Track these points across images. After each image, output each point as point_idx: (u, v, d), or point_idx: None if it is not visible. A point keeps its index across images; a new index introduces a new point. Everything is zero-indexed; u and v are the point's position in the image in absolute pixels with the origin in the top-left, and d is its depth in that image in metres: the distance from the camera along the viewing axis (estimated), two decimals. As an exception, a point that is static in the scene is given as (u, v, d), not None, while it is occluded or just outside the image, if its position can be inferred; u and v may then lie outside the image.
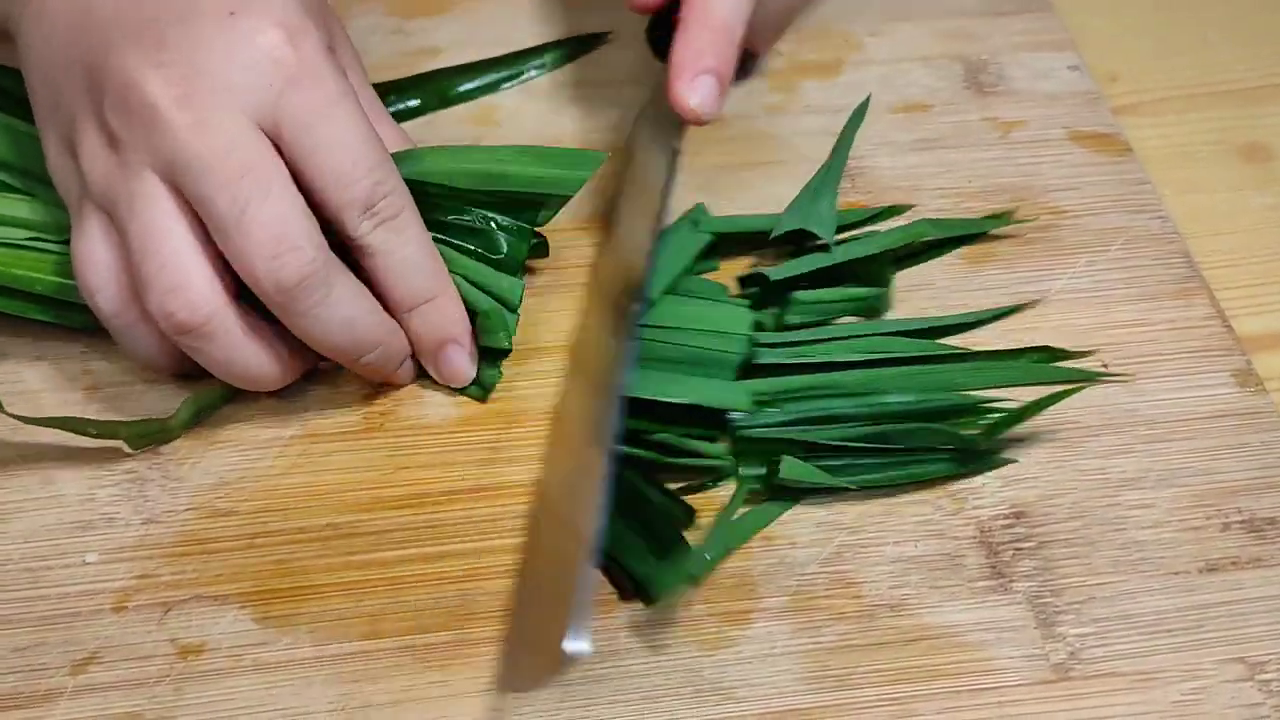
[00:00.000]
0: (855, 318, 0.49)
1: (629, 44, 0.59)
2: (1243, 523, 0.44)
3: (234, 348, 0.43)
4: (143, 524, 0.44)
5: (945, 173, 0.54)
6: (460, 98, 0.57)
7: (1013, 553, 0.43)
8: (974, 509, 0.44)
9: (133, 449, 0.45)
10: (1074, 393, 0.45)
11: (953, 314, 0.49)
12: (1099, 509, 0.44)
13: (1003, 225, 0.52)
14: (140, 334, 0.44)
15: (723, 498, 0.44)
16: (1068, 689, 0.40)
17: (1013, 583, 0.43)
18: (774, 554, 0.43)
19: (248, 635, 0.41)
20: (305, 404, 0.47)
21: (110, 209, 0.42)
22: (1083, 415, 0.46)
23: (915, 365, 0.46)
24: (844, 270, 0.49)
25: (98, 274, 0.43)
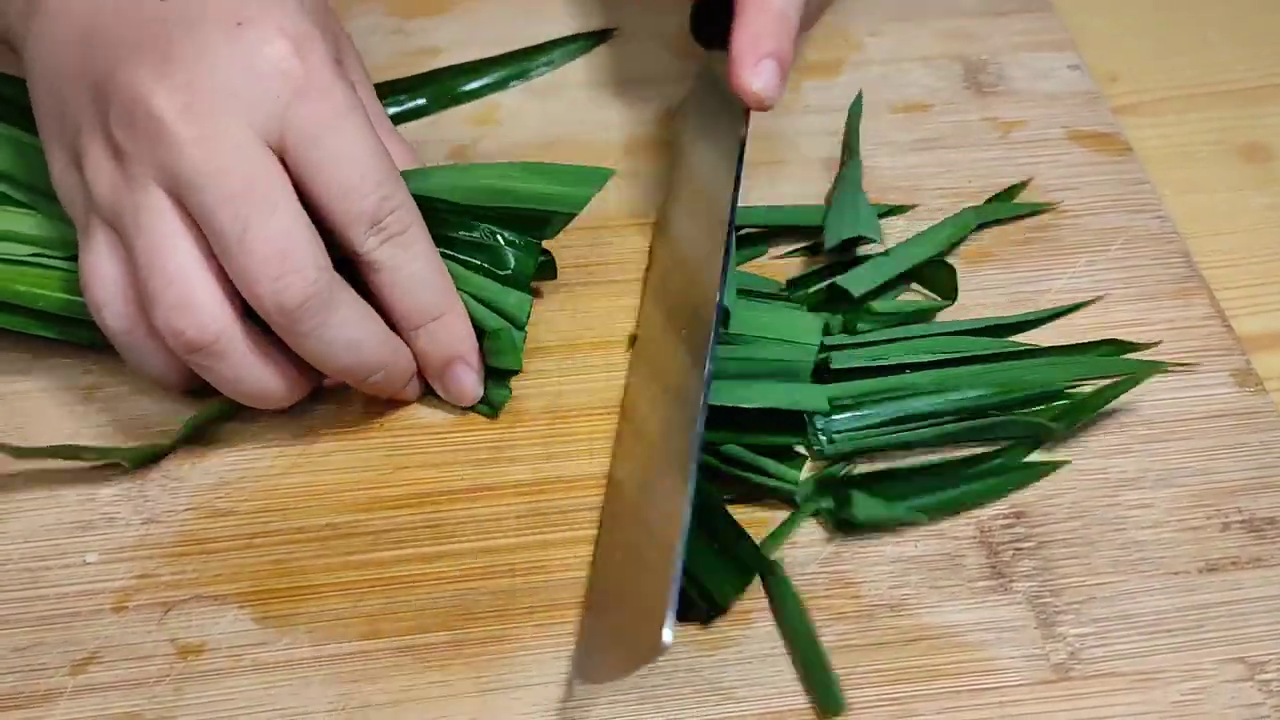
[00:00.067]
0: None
1: (630, 41, 0.59)
2: (1242, 522, 0.44)
3: (242, 366, 0.42)
4: (142, 524, 0.44)
5: (945, 172, 0.54)
6: (466, 96, 0.57)
7: (1012, 553, 0.43)
8: (974, 509, 0.44)
9: (133, 468, 0.45)
10: (1138, 383, 0.46)
11: (1014, 314, 0.49)
12: (1099, 509, 0.44)
13: (1044, 211, 0.52)
14: (148, 350, 0.44)
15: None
16: (1068, 689, 0.40)
17: (1013, 583, 0.43)
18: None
19: (247, 635, 0.41)
20: (304, 404, 0.46)
21: (116, 223, 0.42)
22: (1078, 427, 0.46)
23: (987, 363, 0.47)
24: (906, 271, 0.50)
25: (105, 289, 0.42)
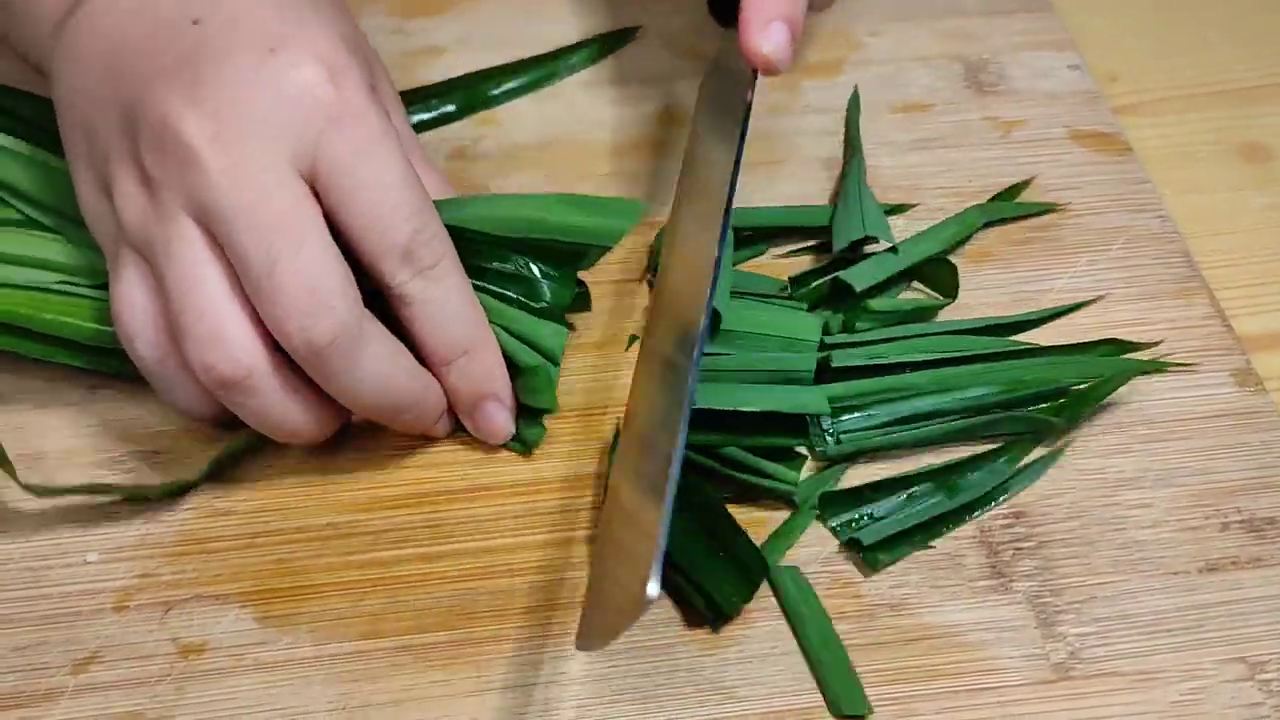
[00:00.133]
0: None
1: (630, 41, 0.59)
2: (1242, 522, 0.44)
3: (272, 402, 0.41)
4: (143, 523, 0.44)
5: (945, 172, 0.54)
6: (493, 101, 0.57)
7: (1012, 552, 0.43)
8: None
9: (157, 500, 0.45)
10: (1139, 374, 0.47)
11: (1015, 313, 0.49)
12: (1098, 509, 0.44)
13: (1049, 212, 0.52)
14: (180, 382, 0.43)
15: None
16: (1068, 689, 0.40)
17: (1013, 582, 0.43)
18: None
19: (248, 635, 0.41)
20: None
21: (147, 253, 0.41)
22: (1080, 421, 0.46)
23: (988, 362, 0.47)
24: (908, 269, 0.50)
25: (136, 320, 0.41)
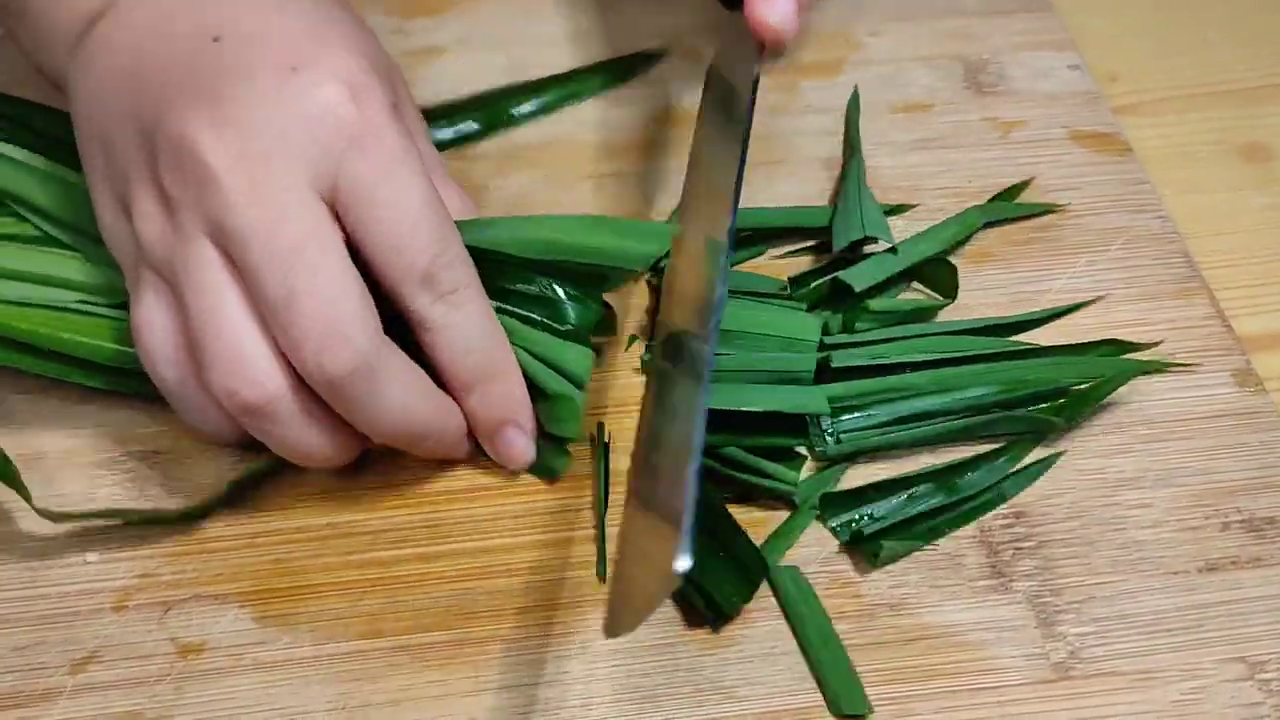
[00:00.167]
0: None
1: (630, 40, 0.59)
2: (1242, 522, 0.44)
3: (294, 428, 0.41)
4: (144, 523, 0.44)
5: (945, 172, 0.54)
6: (516, 120, 0.56)
7: (1012, 552, 0.43)
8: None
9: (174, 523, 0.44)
10: (1140, 374, 0.47)
11: (1015, 314, 0.49)
12: (1098, 508, 0.44)
13: (1050, 212, 0.52)
14: (202, 404, 0.42)
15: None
16: (1068, 688, 0.40)
17: (1012, 582, 0.43)
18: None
19: (247, 634, 0.41)
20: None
21: (167, 274, 0.40)
22: (1080, 421, 0.46)
23: (989, 362, 0.47)
24: (908, 269, 0.50)
25: (157, 342, 0.41)
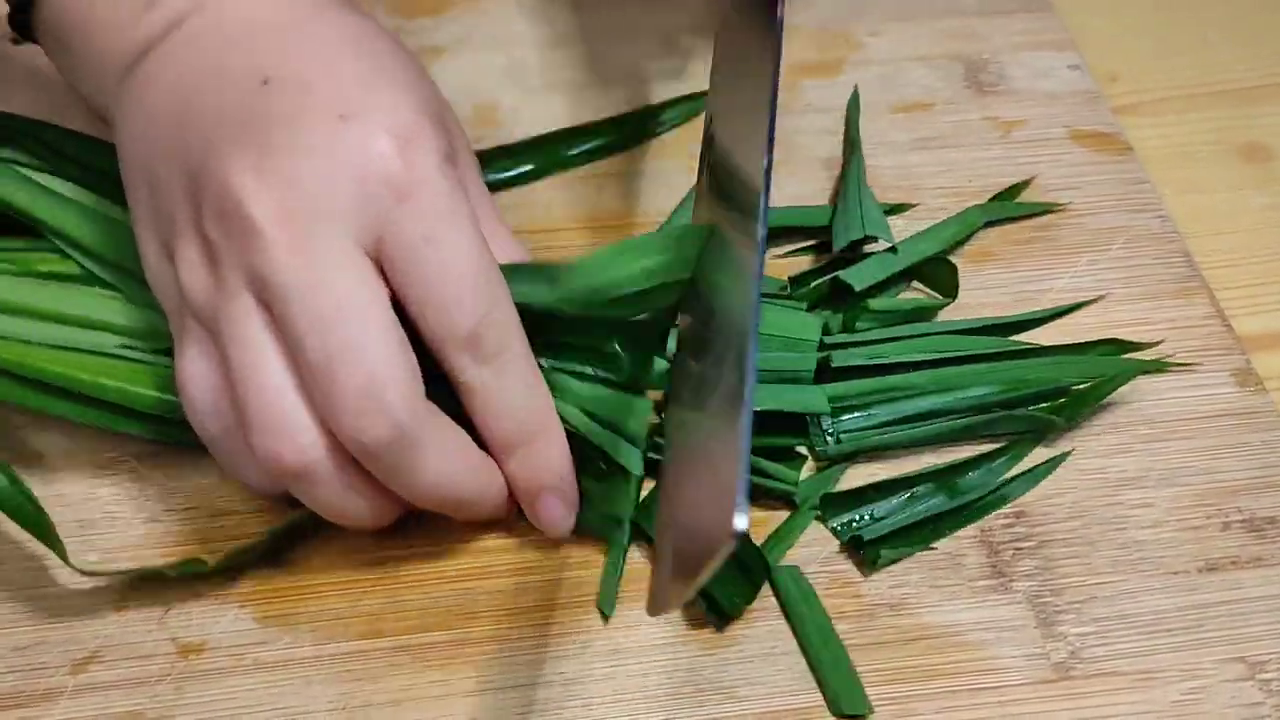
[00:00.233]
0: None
1: (630, 39, 0.59)
2: (1243, 522, 0.44)
3: (333, 491, 0.40)
4: (144, 523, 0.44)
5: (945, 172, 0.54)
6: (571, 162, 0.54)
7: (1013, 552, 0.43)
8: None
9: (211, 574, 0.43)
10: (1141, 373, 0.47)
11: (1013, 313, 0.49)
12: (1099, 508, 0.44)
13: (1050, 212, 0.52)
14: (246, 460, 0.41)
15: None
16: (1068, 688, 0.40)
17: (1013, 582, 0.43)
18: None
19: (248, 634, 0.41)
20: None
21: (210, 326, 0.39)
22: (1081, 420, 0.46)
23: (990, 362, 0.47)
24: (908, 268, 0.50)
25: (201, 395, 0.40)
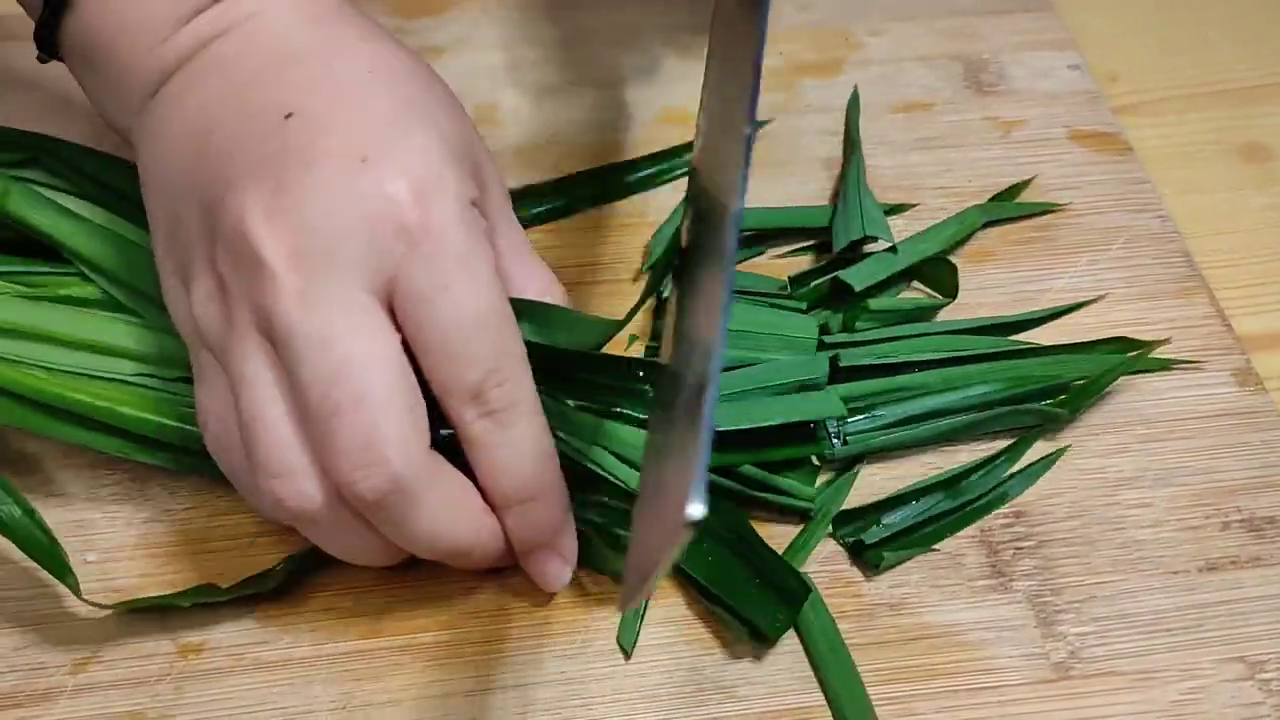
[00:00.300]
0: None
1: (630, 39, 0.59)
2: (1242, 522, 0.44)
3: (338, 533, 0.40)
4: (143, 523, 0.44)
5: (945, 172, 0.54)
6: (605, 197, 0.53)
7: (1012, 552, 0.43)
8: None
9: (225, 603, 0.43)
10: (1135, 377, 0.47)
11: (1013, 313, 0.49)
12: (1098, 508, 0.44)
13: (1050, 212, 0.52)
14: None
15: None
16: (1068, 688, 0.40)
17: (1012, 581, 0.43)
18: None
19: (248, 634, 0.41)
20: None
21: (222, 361, 0.39)
22: (1082, 414, 0.46)
23: (993, 361, 0.47)
24: (908, 268, 0.50)
25: (218, 428, 0.40)
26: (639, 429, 0.43)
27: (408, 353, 0.38)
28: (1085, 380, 0.46)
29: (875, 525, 0.43)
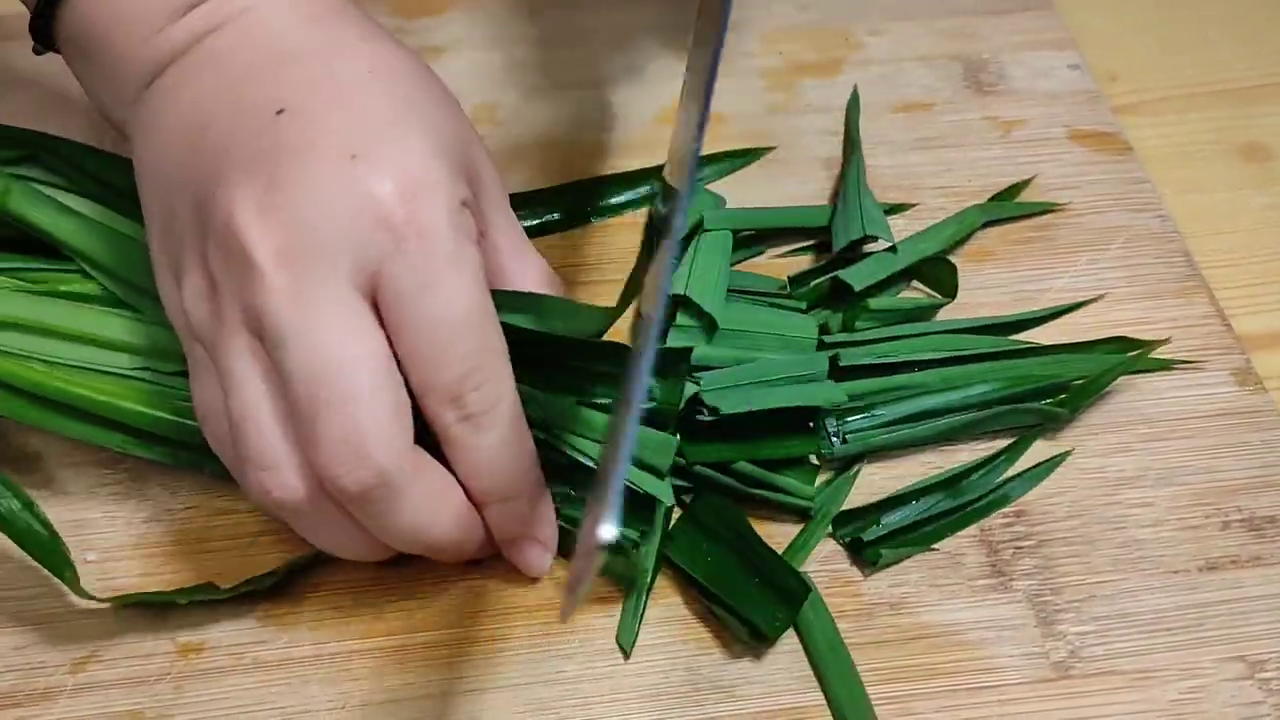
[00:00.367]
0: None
1: (629, 39, 0.59)
2: (1242, 521, 0.44)
3: (326, 528, 0.40)
4: (143, 522, 0.44)
5: (945, 172, 0.54)
6: (605, 211, 0.53)
7: (1012, 551, 0.43)
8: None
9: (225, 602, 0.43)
10: (1135, 376, 0.47)
11: (1013, 313, 0.49)
12: (1099, 507, 0.44)
13: (1050, 211, 0.52)
14: None
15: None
16: (1067, 687, 0.40)
17: (1012, 581, 0.43)
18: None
19: (247, 633, 0.41)
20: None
21: (213, 356, 0.39)
22: (1082, 413, 0.46)
23: (994, 360, 0.47)
24: (908, 268, 0.50)
25: (218, 421, 0.40)
26: (640, 425, 0.43)
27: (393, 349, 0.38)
28: (1085, 380, 0.46)
29: (875, 525, 0.43)
